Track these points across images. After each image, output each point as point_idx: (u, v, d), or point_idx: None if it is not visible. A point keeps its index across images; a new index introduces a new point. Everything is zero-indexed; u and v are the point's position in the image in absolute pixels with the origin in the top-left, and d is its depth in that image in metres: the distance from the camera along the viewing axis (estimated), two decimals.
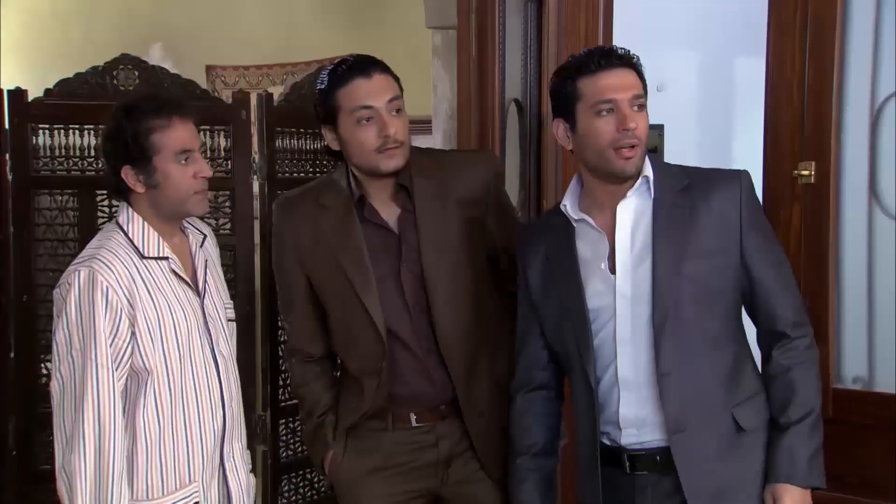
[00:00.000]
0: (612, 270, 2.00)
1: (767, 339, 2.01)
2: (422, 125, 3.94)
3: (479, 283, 2.40)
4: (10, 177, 2.99)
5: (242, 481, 2.30)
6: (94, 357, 2.05)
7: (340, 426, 2.41)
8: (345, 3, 4.75)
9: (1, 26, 5.52)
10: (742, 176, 1.99)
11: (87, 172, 3.06)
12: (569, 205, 2.06)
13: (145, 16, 5.16)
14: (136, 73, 3.05)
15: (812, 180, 2.42)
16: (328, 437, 2.41)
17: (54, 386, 2.10)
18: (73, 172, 3.06)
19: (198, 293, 2.24)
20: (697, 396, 1.97)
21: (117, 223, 2.20)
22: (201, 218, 2.36)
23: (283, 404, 3.21)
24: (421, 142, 3.28)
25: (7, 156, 2.99)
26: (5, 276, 2.97)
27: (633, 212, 2.00)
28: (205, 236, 2.32)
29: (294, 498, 3.26)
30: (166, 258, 2.19)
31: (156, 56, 4.86)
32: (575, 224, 2.06)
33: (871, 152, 2.40)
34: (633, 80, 1.97)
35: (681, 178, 2.00)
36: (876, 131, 2.40)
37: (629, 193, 1.99)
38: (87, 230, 2.96)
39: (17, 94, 3.01)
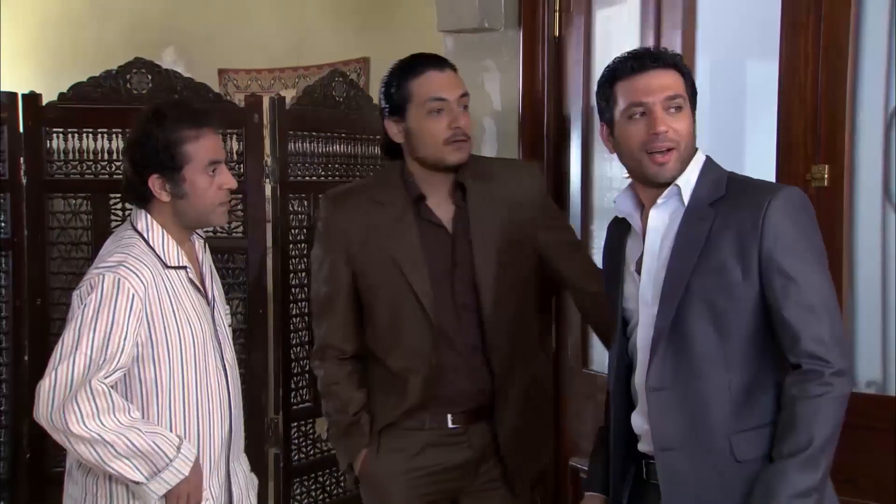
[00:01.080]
0: (640, 273, 1.98)
1: (787, 369, 1.89)
2: None
3: (524, 287, 2.43)
4: (24, 180, 3.01)
5: (242, 484, 2.31)
6: (101, 362, 2.05)
7: (376, 427, 2.42)
8: (356, 6, 4.75)
9: (15, 30, 5.55)
10: (775, 196, 1.88)
11: (101, 176, 3.08)
12: (618, 201, 2.05)
13: (157, 20, 5.18)
14: (150, 77, 3.06)
15: (825, 183, 2.41)
16: (365, 436, 2.42)
17: (44, 385, 2.05)
18: (86, 176, 3.08)
19: (208, 301, 2.25)
20: (692, 416, 1.90)
21: (136, 230, 2.19)
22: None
23: (295, 408, 3.21)
24: None
25: (21, 159, 3.01)
26: (19, 280, 2.99)
27: (667, 217, 1.96)
28: (204, 241, 2.34)
29: (306, 501, 3.26)
30: (185, 267, 2.20)
31: (168, 59, 4.88)
32: (631, 222, 2.04)
33: (885, 155, 2.39)
34: (669, 81, 1.93)
35: (718, 189, 1.94)
36: (890, 134, 2.39)
37: (660, 199, 1.96)
38: (100, 233, 2.98)
39: (32, 98, 3.03)
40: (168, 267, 2.16)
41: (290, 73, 4.94)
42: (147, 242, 2.17)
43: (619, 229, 2.08)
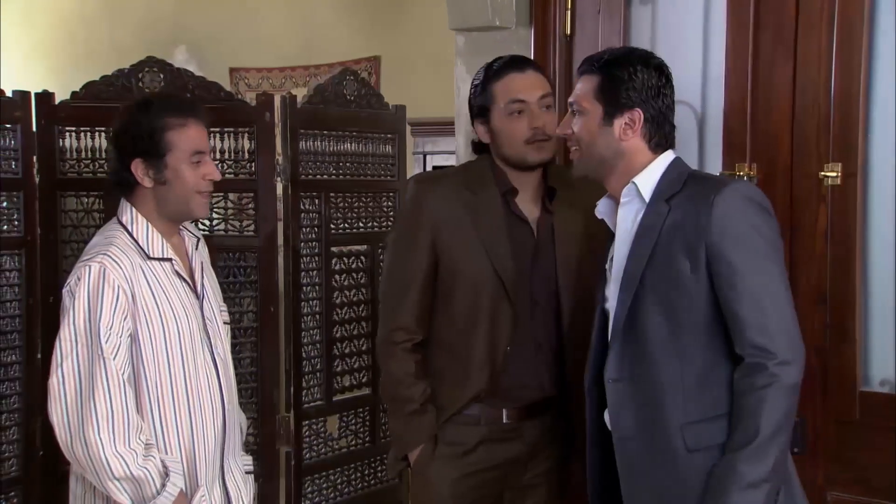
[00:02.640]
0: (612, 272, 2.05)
1: (738, 362, 1.92)
2: (444, 126, 3.95)
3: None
4: (37, 179, 3.02)
5: (240, 484, 2.31)
6: (101, 351, 2.07)
7: (442, 416, 2.43)
8: (367, 5, 4.75)
9: (29, 30, 5.57)
10: (723, 189, 1.91)
11: None
12: (600, 204, 2.12)
13: (169, 19, 5.19)
14: (161, 76, 3.06)
15: (838, 182, 2.40)
16: (431, 429, 2.41)
17: (53, 383, 2.08)
18: (98, 174, 3.08)
19: (197, 295, 2.26)
20: (647, 406, 1.95)
21: (120, 222, 2.21)
22: (217, 220, 2.38)
23: (306, 406, 3.22)
24: (443, 143, 3.26)
25: (34, 158, 3.02)
26: (32, 278, 3.00)
27: (632, 215, 2.02)
28: (198, 239, 2.35)
29: (317, 500, 3.27)
30: (169, 259, 2.21)
31: (180, 59, 4.90)
32: (608, 223, 2.11)
33: None
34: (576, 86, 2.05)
35: (675, 185, 1.99)
36: None
37: (623, 199, 2.03)
38: None
39: (45, 97, 3.04)
40: (150, 258, 2.18)
41: (301, 71, 4.95)
42: (130, 234, 2.19)
43: (610, 233, 2.13)
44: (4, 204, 2.98)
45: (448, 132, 3.53)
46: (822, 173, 2.41)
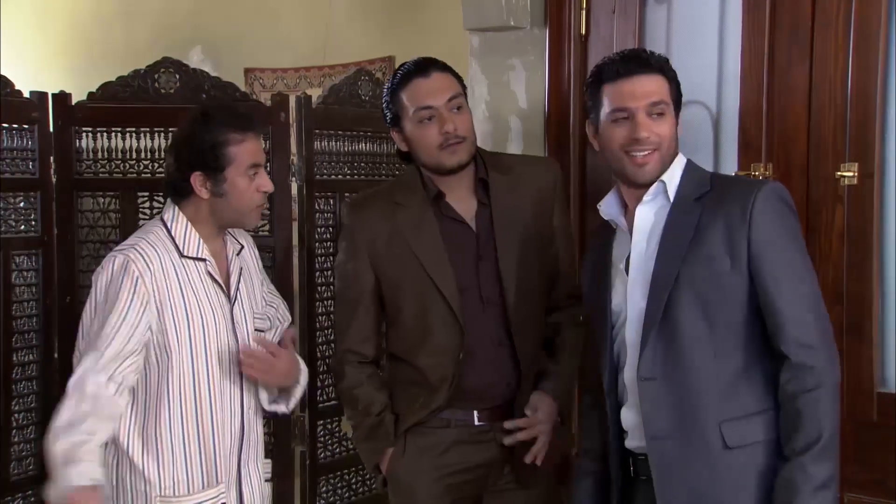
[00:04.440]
0: (628, 271, 2.03)
1: (778, 360, 1.93)
2: None
3: (545, 281, 2.46)
4: (53, 179, 3.04)
5: (256, 490, 2.34)
6: (104, 346, 2.14)
7: (402, 426, 2.44)
8: (382, 5, 4.75)
9: (46, 31, 5.60)
10: (761, 189, 1.93)
11: (129, 175, 3.09)
12: (603, 204, 2.10)
13: (185, 19, 5.20)
14: (178, 77, 3.07)
15: (855, 181, 2.39)
16: (390, 436, 2.44)
17: (76, 358, 2.21)
18: (115, 175, 3.09)
19: (229, 298, 2.29)
20: (682, 404, 1.94)
21: (162, 220, 2.28)
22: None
23: (321, 405, 3.22)
24: None
25: (51, 158, 3.04)
26: (49, 278, 3.01)
27: (652, 214, 2.01)
28: (242, 246, 2.39)
29: (332, 499, 3.27)
30: (204, 260, 2.26)
31: (195, 59, 4.90)
32: (615, 226, 2.09)
33: None
34: (653, 87, 1.99)
35: (703, 185, 1.99)
36: None
37: (646, 196, 2.02)
38: (128, 232, 2.98)
39: (61, 98, 3.06)
40: (184, 256, 2.22)
41: (315, 72, 4.95)
42: (169, 231, 2.25)
43: (602, 235, 2.13)
44: (21, 204, 3.00)
45: None
46: (839, 173, 2.40)
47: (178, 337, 2.20)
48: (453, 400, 2.39)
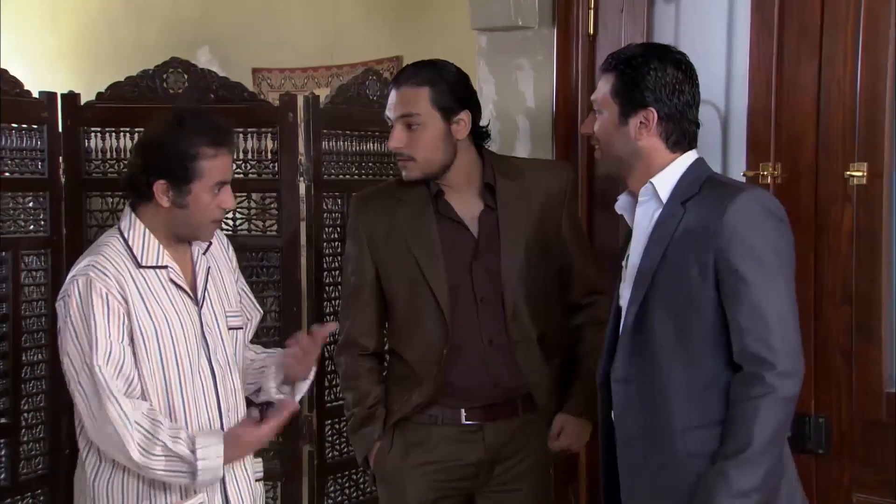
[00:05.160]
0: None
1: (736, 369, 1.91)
2: None
3: (551, 286, 2.49)
4: (62, 179, 3.04)
5: (244, 491, 2.30)
6: (98, 362, 2.09)
7: (390, 420, 2.47)
8: (389, 5, 4.76)
9: (56, 32, 5.62)
10: (738, 196, 1.90)
11: None
12: (620, 199, 2.12)
13: (193, 20, 5.21)
14: (186, 76, 3.08)
15: (864, 181, 2.38)
16: (376, 430, 2.47)
17: (78, 401, 2.14)
18: (123, 174, 3.09)
19: (196, 302, 2.25)
20: (652, 409, 1.93)
21: (119, 229, 2.22)
22: (240, 220, 2.38)
23: (329, 405, 3.22)
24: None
25: (60, 158, 3.04)
26: (57, 277, 3.01)
27: (648, 215, 2.01)
28: (210, 243, 2.32)
29: (339, 498, 3.27)
30: (165, 267, 2.20)
31: (203, 59, 4.92)
32: (626, 220, 2.11)
33: None
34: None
35: (692, 187, 1.97)
36: None
37: (640, 198, 2.02)
38: None
39: (70, 98, 3.06)
40: (142, 267, 2.18)
41: (323, 72, 4.96)
42: (126, 241, 2.19)
43: (629, 230, 2.12)
44: (31, 204, 3.01)
45: None
46: (848, 173, 2.40)
47: (148, 350, 2.15)
48: (439, 396, 2.41)
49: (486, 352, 2.40)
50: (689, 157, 2.02)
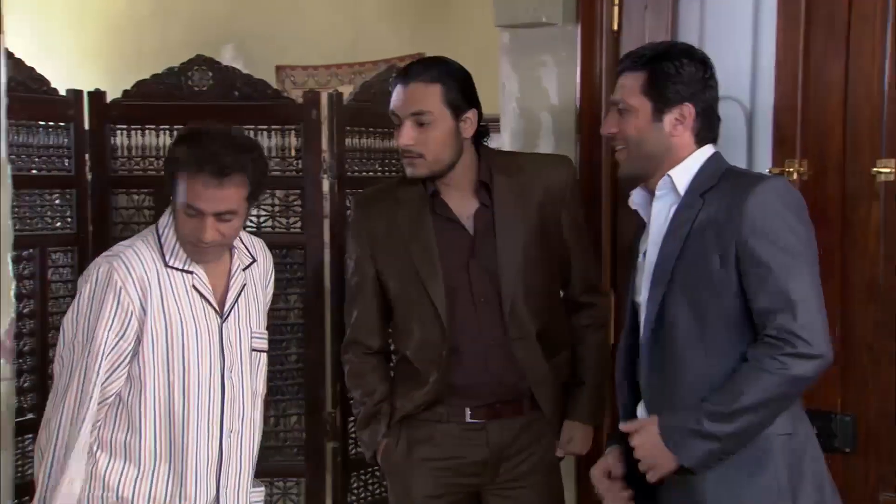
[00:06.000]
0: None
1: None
2: (490, 124, 3.94)
3: (550, 282, 2.48)
4: (88, 176, 3.07)
5: None
6: (87, 355, 2.07)
7: (396, 416, 2.48)
8: (411, 1, 4.76)
9: (84, 32, 5.66)
10: (759, 185, 1.90)
11: (162, 172, 3.11)
12: (634, 194, 2.11)
13: (217, 18, 5.23)
14: (210, 74, 3.10)
15: (892, 177, 2.36)
16: (382, 427, 2.48)
17: (55, 367, 2.15)
18: (149, 172, 3.12)
19: (220, 314, 2.19)
20: (677, 403, 1.93)
21: (156, 225, 2.20)
22: (264, 217, 2.36)
23: (352, 401, 3.23)
24: (489, 142, 3.22)
25: (86, 156, 3.07)
26: None
27: (666, 208, 2.01)
28: (253, 260, 2.27)
29: (363, 495, 3.28)
30: (190, 272, 2.16)
31: (227, 57, 4.93)
32: (641, 215, 2.10)
33: None
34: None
35: (711, 179, 1.97)
36: None
37: (658, 191, 2.01)
38: None
39: (97, 96, 3.09)
40: (168, 266, 2.14)
41: (346, 69, 4.97)
42: (159, 238, 2.16)
43: (640, 225, 2.12)
44: (57, 201, 3.04)
45: (493, 129, 3.53)
46: (875, 169, 2.37)
47: (155, 349, 2.11)
48: (444, 395, 2.41)
49: (487, 350, 2.40)
50: (706, 151, 2.03)
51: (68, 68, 5.13)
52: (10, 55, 2.71)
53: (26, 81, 2.93)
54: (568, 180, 2.50)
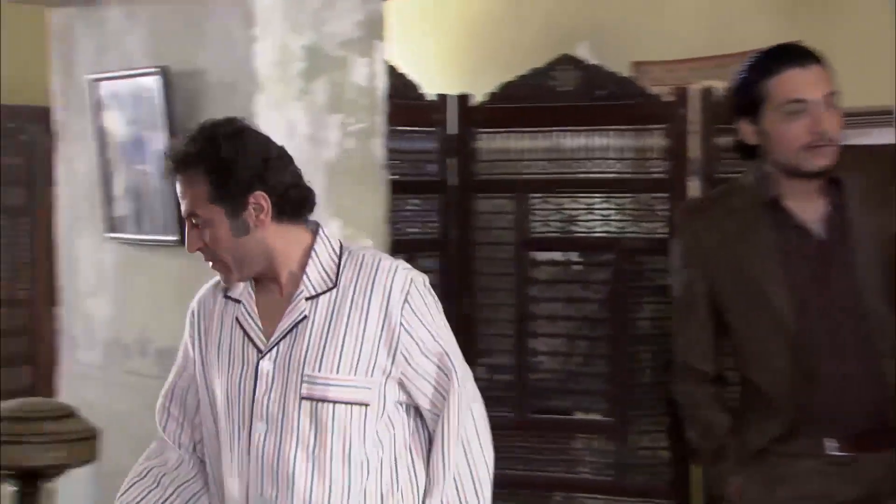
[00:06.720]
0: None
1: None
2: (880, 116, 3.56)
3: None
4: (453, 181, 3.09)
5: None
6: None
7: (746, 450, 2.26)
8: None
9: (444, 34, 5.86)
10: None
11: (523, 175, 3.08)
12: None
13: (571, 14, 5.19)
14: (576, 73, 3.03)
15: None
16: (730, 465, 2.29)
17: None
18: (510, 175, 3.10)
19: (258, 348, 1.84)
20: None
21: None
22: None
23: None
24: (877, 136, 3.04)
25: (448, 160, 3.10)
26: (446, 280, 3.06)
27: None
28: (331, 287, 1.82)
29: None
30: (238, 301, 1.88)
31: (582, 54, 4.87)
32: None
33: None
34: None
35: None
36: None
37: None
38: (521, 233, 3.00)
39: (462, 100, 3.12)
40: (226, 296, 1.90)
41: (706, 63, 4.70)
42: None
43: None
44: (421, 206, 3.10)
45: (885, 122, 3.19)
46: None
47: (201, 383, 1.91)
48: (801, 425, 2.18)
49: (849, 371, 2.15)
50: None
51: (423, 73, 5.32)
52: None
53: (401, 87, 3.00)
54: None
